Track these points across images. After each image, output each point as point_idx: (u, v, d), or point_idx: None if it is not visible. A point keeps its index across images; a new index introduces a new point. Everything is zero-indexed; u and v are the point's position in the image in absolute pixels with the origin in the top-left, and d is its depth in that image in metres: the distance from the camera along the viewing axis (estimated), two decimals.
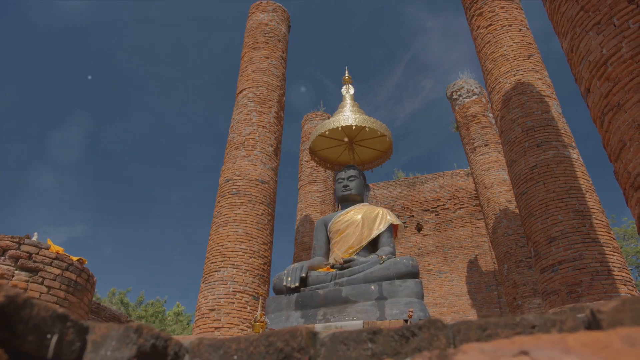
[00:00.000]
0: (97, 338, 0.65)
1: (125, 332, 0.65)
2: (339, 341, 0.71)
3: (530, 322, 0.70)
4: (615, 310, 0.62)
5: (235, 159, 8.90)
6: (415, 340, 0.69)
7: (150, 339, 0.66)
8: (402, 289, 4.76)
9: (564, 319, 0.68)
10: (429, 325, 0.69)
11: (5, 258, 4.07)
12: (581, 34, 4.11)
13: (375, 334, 0.71)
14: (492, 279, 12.40)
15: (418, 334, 0.70)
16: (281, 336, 0.70)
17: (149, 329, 0.67)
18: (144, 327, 0.67)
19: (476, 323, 0.70)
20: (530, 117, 7.57)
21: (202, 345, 0.73)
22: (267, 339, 0.70)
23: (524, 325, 0.69)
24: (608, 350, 0.48)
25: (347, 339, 0.71)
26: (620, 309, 0.62)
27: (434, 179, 14.70)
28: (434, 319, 0.70)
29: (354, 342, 0.71)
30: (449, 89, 13.04)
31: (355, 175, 6.07)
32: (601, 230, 6.53)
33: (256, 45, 10.14)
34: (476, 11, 9.06)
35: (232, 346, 0.71)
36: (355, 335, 0.71)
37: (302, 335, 0.69)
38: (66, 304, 4.28)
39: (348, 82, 6.94)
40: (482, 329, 0.70)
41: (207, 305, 7.60)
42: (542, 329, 0.68)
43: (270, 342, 0.69)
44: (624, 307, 0.62)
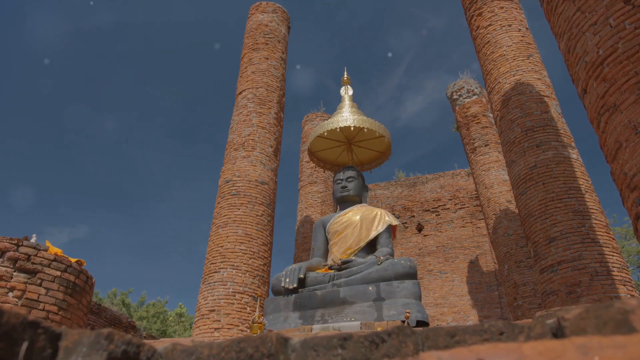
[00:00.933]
0: (69, 344, 0.66)
1: (96, 338, 0.66)
2: (309, 347, 0.72)
3: (498, 328, 0.70)
4: (579, 317, 0.63)
5: (235, 160, 8.91)
6: (385, 347, 0.70)
7: (121, 345, 0.67)
8: (400, 290, 4.77)
9: (532, 326, 0.69)
10: (397, 332, 0.70)
11: (4, 260, 4.09)
12: (578, 34, 4.11)
13: (346, 340, 0.72)
14: (493, 279, 12.39)
15: (387, 341, 0.70)
16: (252, 342, 0.70)
17: (120, 335, 0.68)
18: (115, 334, 0.67)
19: (445, 330, 0.70)
20: (530, 118, 7.57)
21: (175, 350, 0.74)
22: (238, 344, 0.71)
23: (492, 332, 0.69)
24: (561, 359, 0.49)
25: (318, 345, 0.72)
26: (583, 316, 0.63)
27: (435, 179, 14.70)
28: (403, 326, 0.71)
29: (324, 348, 0.71)
30: (449, 89, 13.03)
31: (353, 176, 6.07)
32: (600, 231, 6.52)
33: (256, 46, 10.16)
34: (475, 11, 9.05)
35: (204, 352, 0.72)
36: (326, 342, 0.72)
37: (271, 341, 0.70)
38: (65, 305, 4.29)
39: (347, 83, 6.95)
40: (450, 335, 0.70)
41: (207, 306, 7.61)
42: (510, 336, 0.69)
43: (241, 347, 0.70)
44: (587, 314, 0.63)
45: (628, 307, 0.62)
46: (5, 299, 3.96)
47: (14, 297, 4.01)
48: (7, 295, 3.98)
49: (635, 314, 0.60)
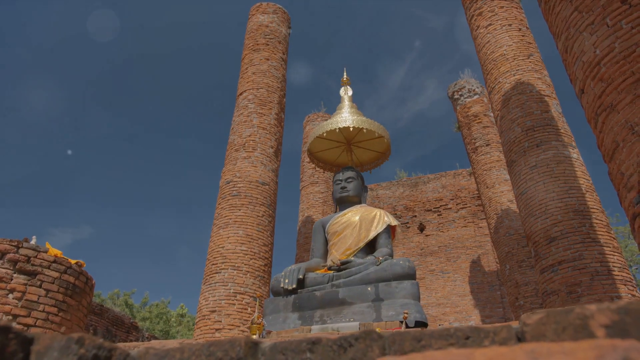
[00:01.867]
0: (40, 349, 0.67)
1: (67, 342, 0.67)
2: (278, 351, 0.73)
3: (464, 333, 0.71)
4: (539, 322, 0.64)
5: (235, 160, 8.93)
6: (352, 351, 0.71)
7: (92, 349, 0.68)
8: (399, 290, 4.77)
9: (498, 331, 0.70)
10: (364, 336, 0.71)
11: (4, 261, 4.12)
12: (575, 34, 4.11)
13: (314, 344, 0.73)
14: (495, 279, 12.36)
15: (354, 345, 0.71)
16: (221, 346, 0.72)
17: (92, 339, 0.69)
18: (86, 338, 0.69)
19: (411, 334, 0.71)
20: (530, 117, 7.55)
21: (148, 354, 0.75)
22: (208, 348, 0.72)
23: (458, 337, 0.70)
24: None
25: (286, 349, 0.73)
26: (544, 322, 0.64)
27: (437, 179, 14.68)
28: (370, 330, 0.72)
29: (292, 352, 0.72)
30: (450, 88, 13.01)
31: (353, 176, 6.08)
32: (601, 230, 6.50)
33: (256, 47, 10.17)
34: (476, 11, 9.04)
35: (176, 355, 0.73)
36: (295, 346, 0.73)
37: (240, 345, 0.71)
38: (65, 306, 4.32)
39: (346, 83, 6.96)
40: (417, 339, 0.71)
41: (208, 307, 7.63)
42: (476, 341, 0.70)
43: (211, 351, 0.71)
44: (547, 319, 0.64)
45: (587, 312, 0.62)
46: (5, 300, 3.99)
47: (14, 298, 4.03)
48: (7, 297, 4.01)
49: (594, 319, 0.61)
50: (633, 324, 0.59)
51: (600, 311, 0.62)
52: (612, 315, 0.61)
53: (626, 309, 0.61)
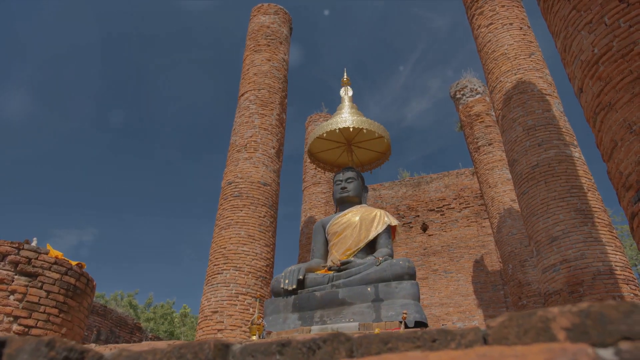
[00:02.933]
0: (12, 352, 0.68)
1: (37, 345, 0.68)
2: (247, 353, 0.73)
3: (432, 336, 0.72)
4: (502, 325, 0.64)
5: (237, 161, 8.95)
6: (320, 353, 0.72)
7: (62, 351, 0.69)
8: (398, 290, 4.76)
9: (465, 333, 0.70)
10: (332, 338, 0.72)
11: (5, 263, 4.15)
12: (573, 33, 4.10)
13: (284, 346, 0.73)
14: (499, 279, 12.33)
15: (322, 347, 0.72)
16: (191, 348, 0.72)
17: (62, 342, 0.70)
18: (57, 340, 0.69)
19: (379, 337, 0.72)
20: (531, 116, 7.53)
21: (121, 356, 0.76)
22: (178, 350, 0.73)
23: (425, 339, 0.70)
24: None
25: (256, 351, 0.73)
26: (506, 325, 0.64)
27: (439, 178, 14.65)
28: (338, 332, 0.72)
29: (262, 354, 0.73)
30: (452, 88, 12.99)
31: (353, 177, 6.07)
32: (603, 230, 6.47)
33: (258, 48, 10.19)
34: (477, 10, 9.02)
35: (148, 357, 0.74)
36: (264, 348, 0.73)
37: (209, 347, 0.72)
38: (65, 307, 4.34)
39: (346, 84, 6.96)
40: (384, 342, 0.72)
41: (210, 308, 7.66)
42: (442, 343, 0.70)
43: (181, 354, 0.72)
44: (510, 322, 0.64)
45: (549, 315, 0.63)
46: (7, 302, 4.02)
47: (15, 300, 4.06)
48: (8, 299, 4.04)
49: (555, 322, 0.62)
50: (593, 327, 0.59)
51: (561, 314, 0.63)
52: (573, 318, 0.61)
53: (587, 312, 0.61)
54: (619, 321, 0.60)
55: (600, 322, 0.60)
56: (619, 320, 0.60)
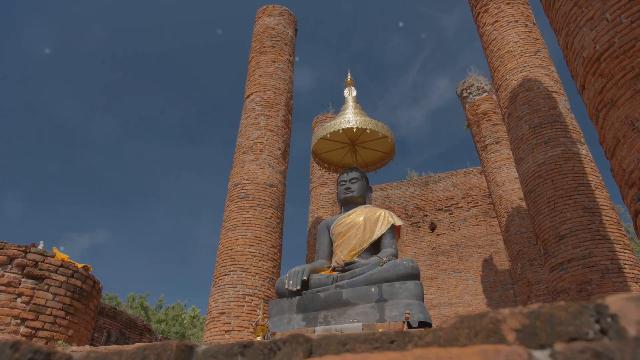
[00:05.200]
0: None
1: (2, 347, 0.70)
2: (210, 355, 0.74)
3: (390, 337, 0.72)
4: (453, 327, 0.65)
5: (243, 163, 8.99)
6: (280, 354, 0.73)
7: (27, 353, 0.70)
8: (402, 290, 4.75)
9: (423, 335, 0.70)
10: (291, 340, 0.73)
11: (13, 266, 4.21)
12: (575, 29, 4.06)
13: (246, 347, 0.74)
14: (508, 278, 12.23)
15: (282, 348, 0.73)
16: (154, 349, 0.74)
17: (28, 344, 0.72)
18: (22, 343, 0.71)
19: (338, 338, 0.73)
20: (538, 114, 7.46)
21: (89, 357, 0.78)
22: (142, 352, 0.74)
23: (383, 341, 0.71)
24: None
25: (218, 353, 0.74)
26: (457, 326, 0.64)
27: (447, 177, 14.57)
28: (296, 333, 0.73)
29: (224, 355, 0.74)
30: (459, 86, 12.91)
31: (357, 177, 6.07)
32: (611, 227, 6.39)
33: (263, 50, 10.23)
34: (482, 8, 8.97)
35: (114, 358, 0.75)
36: (227, 349, 0.74)
37: (172, 349, 0.73)
38: (72, 310, 4.40)
39: (350, 84, 6.96)
40: (342, 343, 0.72)
41: (218, 309, 7.70)
42: (400, 344, 0.70)
43: (145, 355, 0.73)
44: (461, 324, 0.64)
45: (500, 316, 0.63)
46: (14, 304, 4.08)
47: (22, 302, 4.13)
48: (16, 301, 4.10)
49: (505, 323, 0.62)
50: (542, 328, 0.60)
51: (512, 315, 0.63)
52: (523, 319, 0.61)
53: (537, 313, 0.62)
54: (567, 322, 0.60)
55: (549, 324, 0.60)
56: (567, 322, 0.60)
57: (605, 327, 0.59)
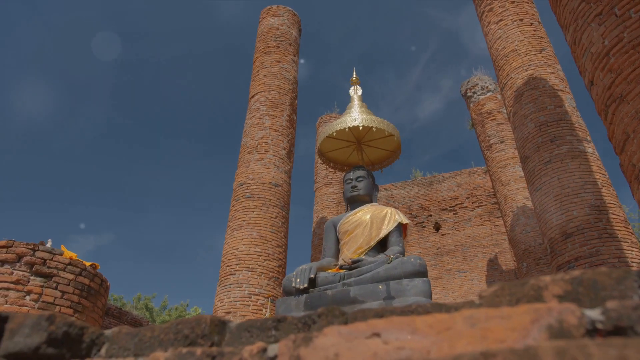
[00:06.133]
0: (14, 326, 0.70)
1: (38, 320, 0.70)
2: (243, 329, 0.74)
3: (425, 309, 0.72)
4: (494, 294, 0.64)
5: (248, 162, 9.00)
6: (315, 327, 0.72)
7: (62, 326, 0.70)
8: (410, 288, 4.73)
9: (459, 306, 0.70)
10: (327, 312, 0.73)
11: (21, 264, 4.23)
12: (583, 25, 4.05)
13: (280, 322, 0.74)
14: (513, 278, 12.18)
15: (317, 321, 0.73)
16: (188, 324, 0.73)
17: (63, 318, 0.72)
18: (57, 316, 0.71)
19: (374, 310, 0.73)
20: (543, 112, 7.45)
21: (120, 333, 0.77)
22: (176, 326, 0.74)
23: (419, 312, 0.71)
24: (450, 331, 0.51)
25: (252, 327, 0.74)
26: (498, 294, 0.64)
27: (452, 177, 14.55)
28: (331, 307, 0.73)
29: (258, 329, 0.74)
30: (463, 86, 12.90)
31: (363, 175, 6.05)
32: (618, 225, 6.37)
33: (267, 50, 10.25)
34: (486, 7, 8.96)
35: (147, 334, 0.75)
36: (260, 324, 0.74)
37: (206, 322, 0.73)
38: (80, 308, 4.41)
39: (356, 83, 6.96)
40: (379, 315, 0.72)
41: (223, 309, 7.69)
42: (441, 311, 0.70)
43: (179, 329, 0.73)
44: (502, 291, 0.64)
45: (541, 283, 0.63)
46: (23, 302, 4.09)
47: (31, 300, 4.14)
48: (25, 299, 4.12)
49: (547, 290, 0.61)
50: (585, 294, 0.59)
51: (554, 282, 0.63)
52: (566, 285, 0.61)
53: (579, 279, 0.61)
54: (611, 287, 0.59)
55: (592, 289, 0.59)
56: (611, 287, 0.59)
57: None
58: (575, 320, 0.48)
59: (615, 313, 0.48)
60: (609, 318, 0.49)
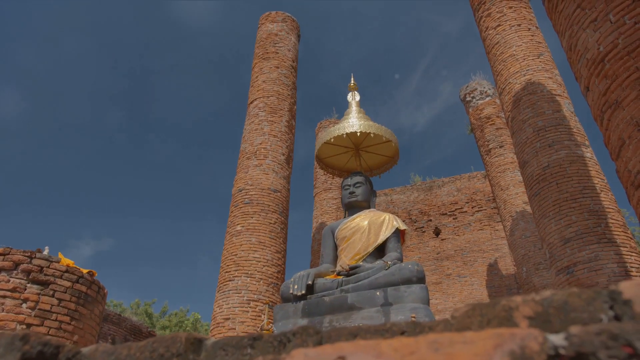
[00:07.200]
0: None
1: (12, 339, 0.70)
2: (219, 347, 0.74)
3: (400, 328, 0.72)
4: (465, 315, 0.64)
5: (247, 168, 9.01)
6: (290, 346, 0.72)
7: (37, 345, 0.70)
8: (407, 294, 4.73)
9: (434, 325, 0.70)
10: (301, 331, 0.72)
11: (18, 272, 4.22)
12: (578, 31, 4.06)
13: (255, 340, 0.74)
14: (513, 282, 12.17)
15: (292, 340, 0.73)
16: (163, 342, 0.73)
17: (38, 336, 0.72)
18: (32, 335, 0.71)
19: (348, 329, 0.72)
20: (541, 117, 7.45)
21: (97, 351, 0.77)
22: (152, 345, 0.74)
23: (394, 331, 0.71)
24: (414, 356, 0.51)
25: (227, 345, 0.74)
26: (469, 314, 0.64)
27: (451, 182, 14.54)
28: (306, 326, 0.73)
29: (233, 348, 0.74)
30: (462, 91, 12.92)
31: (361, 181, 6.06)
32: (617, 230, 6.36)
33: (266, 56, 10.27)
34: (484, 12, 8.99)
35: (123, 352, 0.75)
36: (236, 342, 0.74)
37: (181, 341, 0.73)
38: (77, 315, 4.40)
39: (353, 89, 6.97)
40: (352, 334, 0.72)
41: (222, 315, 7.68)
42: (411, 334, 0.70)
43: (154, 348, 0.73)
44: (473, 312, 0.64)
45: (512, 304, 0.63)
46: (19, 310, 4.09)
47: (28, 308, 4.13)
48: (21, 307, 4.11)
49: (518, 310, 0.61)
50: (555, 315, 0.59)
51: (525, 302, 0.63)
52: (536, 306, 0.61)
53: (550, 300, 0.61)
54: (581, 309, 0.59)
55: (562, 310, 0.59)
56: (581, 308, 0.59)
57: (619, 313, 0.59)
58: (537, 346, 0.48)
59: (578, 339, 0.48)
60: (571, 344, 0.49)
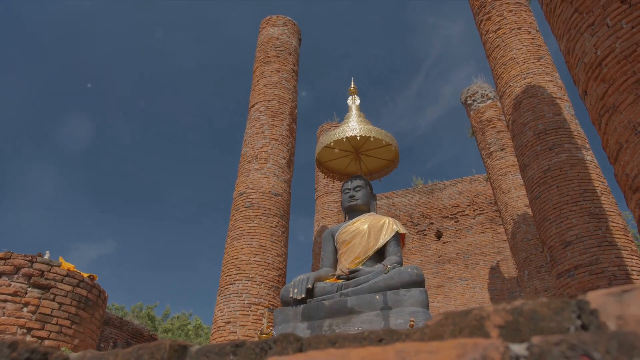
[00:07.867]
0: None
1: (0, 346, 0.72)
2: (202, 354, 0.76)
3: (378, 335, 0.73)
4: (438, 324, 0.66)
5: (248, 172, 9.03)
6: (271, 353, 0.74)
7: (25, 352, 0.72)
8: (407, 298, 4.73)
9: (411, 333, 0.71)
10: (282, 339, 0.74)
11: (19, 276, 4.25)
12: (576, 35, 4.07)
13: (238, 347, 0.76)
14: (515, 285, 12.14)
15: (273, 347, 0.74)
16: (148, 349, 0.75)
17: (25, 343, 0.74)
18: (20, 342, 0.73)
19: (327, 337, 0.74)
20: (542, 120, 7.46)
21: (85, 357, 0.79)
22: (137, 352, 0.76)
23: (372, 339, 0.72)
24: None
25: (210, 352, 0.76)
26: (442, 323, 0.65)
27: (453, 185, 14.53)
28: (287, 333, 0.75)
29: (216, 355, 0.75)
30: (463, 94, 12.93)
31: (361, 185, 6.07)
32: (618, 233, 6.35)
33: (267, 59, 10.31)
34: (484, 15, 9.00)
35: (110, 358, 0.77)
36: (219, 349, 0.76)
37: (165, 348, 0.74)
38: (77, 319, 4.42)
39: (353, 92, 6.99)
40: (331, 342, 0.74)
41: (223, 318, 7.70)
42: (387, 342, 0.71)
43: (139, 354, 0.75)
44: (446, 321, 0.65)
45: (484, 313, 0.64)
46: (20, 314, 4.11)
47: (28, 312, 4.16)
48: (22, 311, 4.14)
49: (489, 319, 0.63)
50: (525, 324, 0.61)
51: (496, 312, 0.64)
52: (507, 315, 0.63)
53: (520, 309, 0.63)
54: (549, 318, 0.61)
55: (532, 320, 0.61)
56: (549, 318, 0.61)
57: (586, 323, 0.60)
58: (498, 356, 0.49)
59: (538, 349, 0.50)
60: (532, 354, 0.50)
